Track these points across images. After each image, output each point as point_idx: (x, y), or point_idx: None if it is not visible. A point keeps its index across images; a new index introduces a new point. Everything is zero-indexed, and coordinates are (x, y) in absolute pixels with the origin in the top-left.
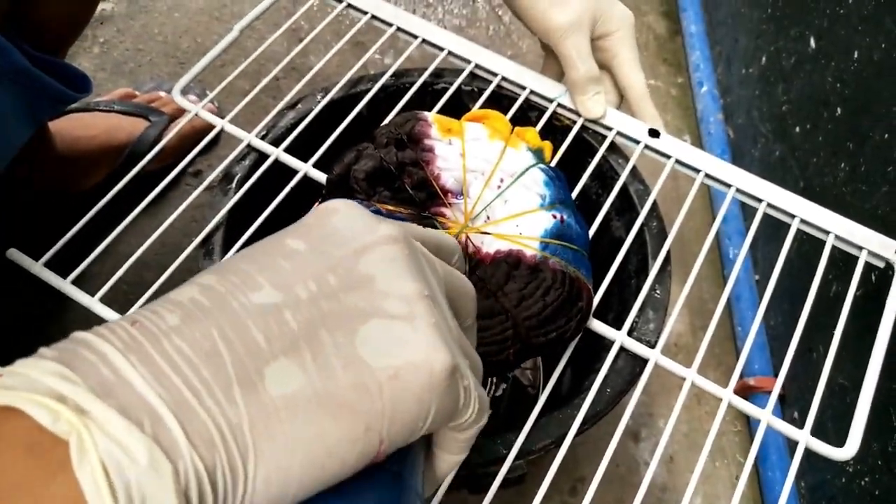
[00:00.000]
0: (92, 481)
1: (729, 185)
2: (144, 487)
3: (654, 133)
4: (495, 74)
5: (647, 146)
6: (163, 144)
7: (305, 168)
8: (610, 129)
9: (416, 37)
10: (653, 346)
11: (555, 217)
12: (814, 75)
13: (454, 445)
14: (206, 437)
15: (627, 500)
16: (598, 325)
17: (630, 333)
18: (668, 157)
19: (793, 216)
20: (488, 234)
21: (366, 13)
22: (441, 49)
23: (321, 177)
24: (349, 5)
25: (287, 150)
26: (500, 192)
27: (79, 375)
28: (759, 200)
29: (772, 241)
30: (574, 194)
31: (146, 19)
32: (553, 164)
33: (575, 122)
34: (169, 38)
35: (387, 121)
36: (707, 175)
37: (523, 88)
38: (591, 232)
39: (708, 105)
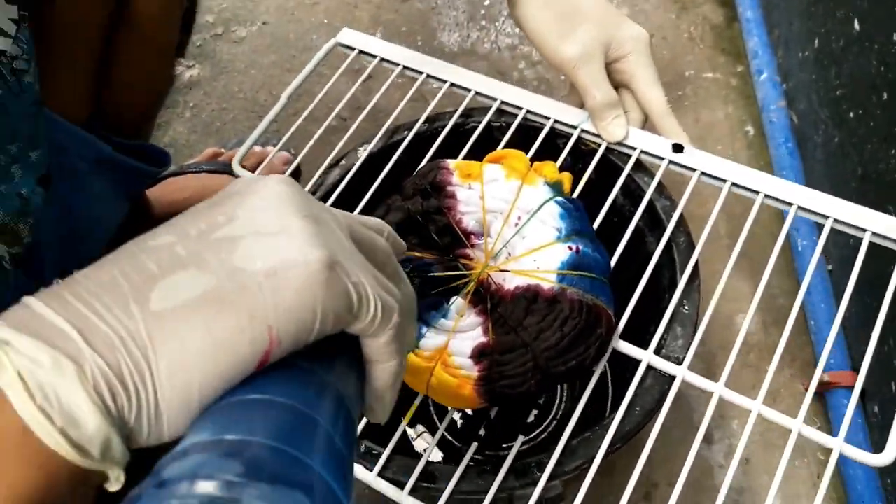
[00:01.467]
0: (9, 384)
1: (757, 192)
2: (55, 384)
3: (677, 148)
4: (520, 108)
5: (671, 161)
6: None
7: None
8: (634, 148)
9: (444, 81)
10: (680, 363)
11: (570, 248)
12: (861, 58)
13: (379, 352)
14: (107, 343)
15: (701, 502)
16: (624, 346)
17: (658, 351)
18: (693, 170)
19: (825, 217)
20: (508, 271)
21: (408, 68)
22: (468, 90)
23: None
24: (383, 59)
25: (334, 205)
26: (518, 228)
27: (6, 321)
28: (789, 204)
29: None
30: (601, 215)
31: (227, 80)
32: (580, 187)
33: (600, 146)
34: (248, 94)
35: (415, 173)
36: (734, 184)
37: (548, 119)
38: (621, 250)
39: (768, 92)
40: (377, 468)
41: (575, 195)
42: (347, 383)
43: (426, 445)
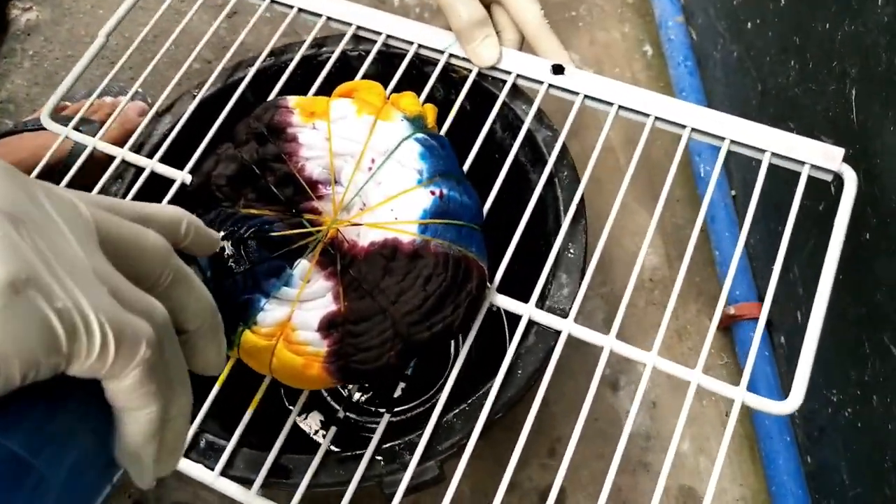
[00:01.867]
0: None
1: (647, 115)
2: None
3: (557, 69)
4: (379, 33)
5: (551, 85)
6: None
7: (182, 176)
8: (509, 72)
9: (291, 7)
10: (566, 315)
11: (433, 193)
12: None
13: (122, 398)
14: None
15: (609, 454)
16: (503, 301)
17: (542, 304)
18: (577, 93)
19: (722, 138)
20: (361, 224)
21: None
22: (319, 16)
23: None
24: None
25: (164, 159)
26: (372, 173)
27: None
28: (683, 126)
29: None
30: (475, 150)
31: (72, 23)
32: (450, 119)
33: (470, 72)
34: (96, 37)
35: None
36: (621, 107)
37: (411, 44)
38: (497, 190)
39: (666, 7)
40: (219, 466)
41: (444, 130)
42: (57, 439)
43: (321, 430)
